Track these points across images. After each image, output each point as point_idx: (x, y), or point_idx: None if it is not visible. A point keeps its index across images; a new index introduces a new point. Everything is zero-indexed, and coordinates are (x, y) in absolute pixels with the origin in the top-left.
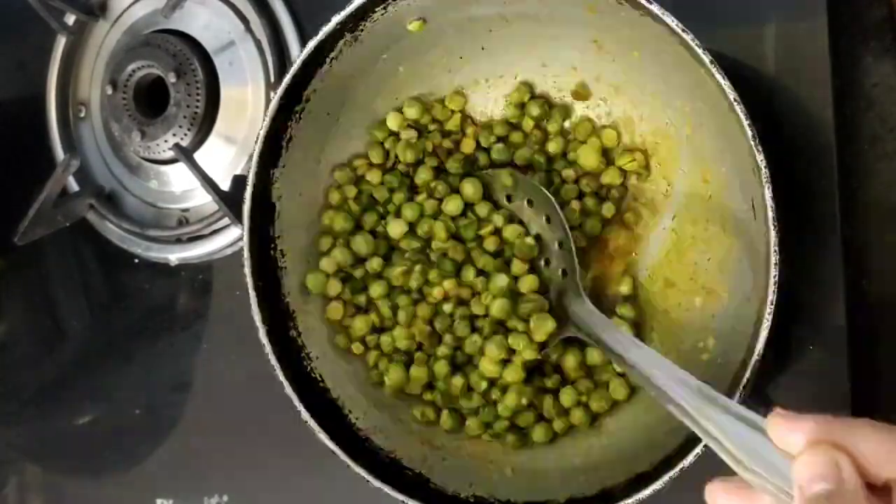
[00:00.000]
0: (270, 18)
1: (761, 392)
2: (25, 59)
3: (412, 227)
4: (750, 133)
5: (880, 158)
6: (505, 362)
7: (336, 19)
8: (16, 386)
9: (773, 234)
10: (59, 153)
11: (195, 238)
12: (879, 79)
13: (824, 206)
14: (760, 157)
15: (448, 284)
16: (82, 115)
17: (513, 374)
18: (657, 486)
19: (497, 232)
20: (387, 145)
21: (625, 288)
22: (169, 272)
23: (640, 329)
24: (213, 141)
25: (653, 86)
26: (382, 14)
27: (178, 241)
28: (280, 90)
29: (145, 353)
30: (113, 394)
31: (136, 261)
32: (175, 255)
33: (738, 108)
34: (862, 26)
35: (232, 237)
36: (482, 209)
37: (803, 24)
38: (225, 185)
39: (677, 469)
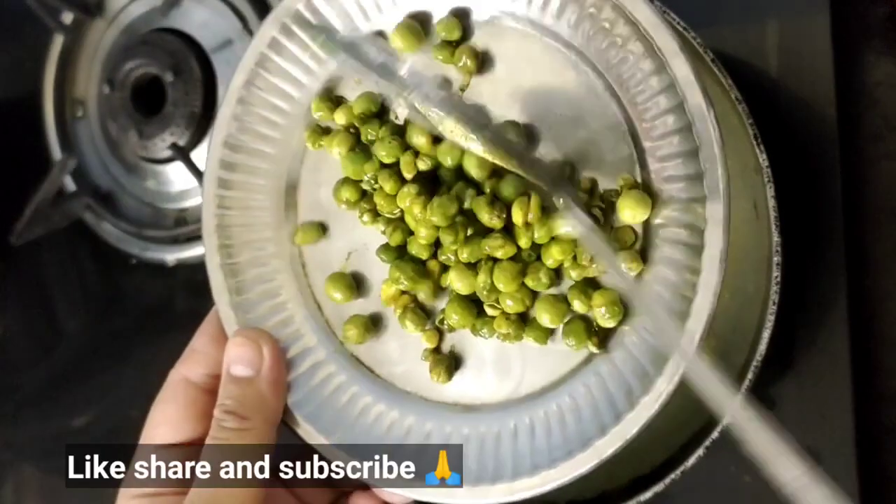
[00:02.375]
0: None
1: (762, 392)
2: (22, 58)
3: None
4: (752, 132)
5: (883, 157)
6: None
7: None
8: (12, 386)
9: (775, 234)
10: (56, 153)
11: (192, 238)
12: (882, 77)
13: (827, 205)
14: (763, 157)
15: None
16: (79, 114)
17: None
18: (658, 488)
19: None
20: None
21: None
22: (166, 272)
23: None
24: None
25: None
26: None
27: (175, 241)
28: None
29: (142, 354)
30: (110, 394)
31: (133, 261)
32: (172, 256)
33: (740, 108)
34: (864, 24)
35: None
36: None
37: (805, 23)
38: None
39: (678, 471)
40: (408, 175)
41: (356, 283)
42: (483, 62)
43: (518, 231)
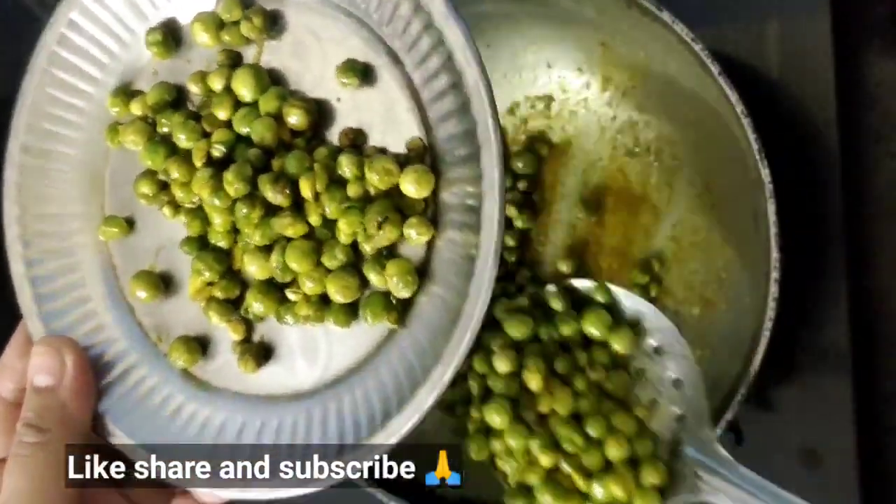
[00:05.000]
0: None
1: (763, 393)
2: (20, 58)
3: None
4: (756, 146)
5: (884, 157)
6: None
7: None
8: None
9: (774, 250)
10: None
11: None
12: (883, 77)
13: (827, 206)
14: (765, 171)
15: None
16: None
17: None
18: None
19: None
20: None
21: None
22: None
23: None
24: None
25: (658, 90)
26: None
27: None
28: None
29: None
30: None
31: None
32: None
33: (745, 121)
34: (865, 25)
35: None
36: None
37: (806, 23)
38: None
39: None
40: (198, 162)
41: (167, 282)
42: (272, 29)
43: (308, 207)
